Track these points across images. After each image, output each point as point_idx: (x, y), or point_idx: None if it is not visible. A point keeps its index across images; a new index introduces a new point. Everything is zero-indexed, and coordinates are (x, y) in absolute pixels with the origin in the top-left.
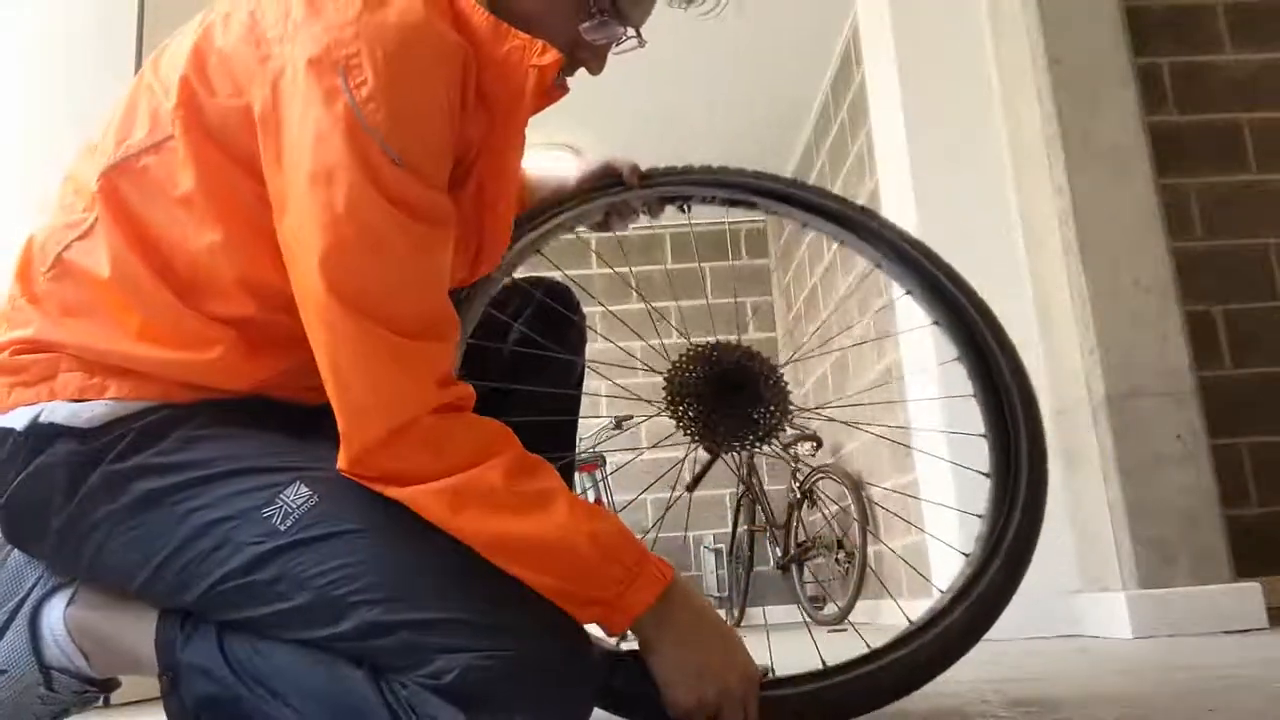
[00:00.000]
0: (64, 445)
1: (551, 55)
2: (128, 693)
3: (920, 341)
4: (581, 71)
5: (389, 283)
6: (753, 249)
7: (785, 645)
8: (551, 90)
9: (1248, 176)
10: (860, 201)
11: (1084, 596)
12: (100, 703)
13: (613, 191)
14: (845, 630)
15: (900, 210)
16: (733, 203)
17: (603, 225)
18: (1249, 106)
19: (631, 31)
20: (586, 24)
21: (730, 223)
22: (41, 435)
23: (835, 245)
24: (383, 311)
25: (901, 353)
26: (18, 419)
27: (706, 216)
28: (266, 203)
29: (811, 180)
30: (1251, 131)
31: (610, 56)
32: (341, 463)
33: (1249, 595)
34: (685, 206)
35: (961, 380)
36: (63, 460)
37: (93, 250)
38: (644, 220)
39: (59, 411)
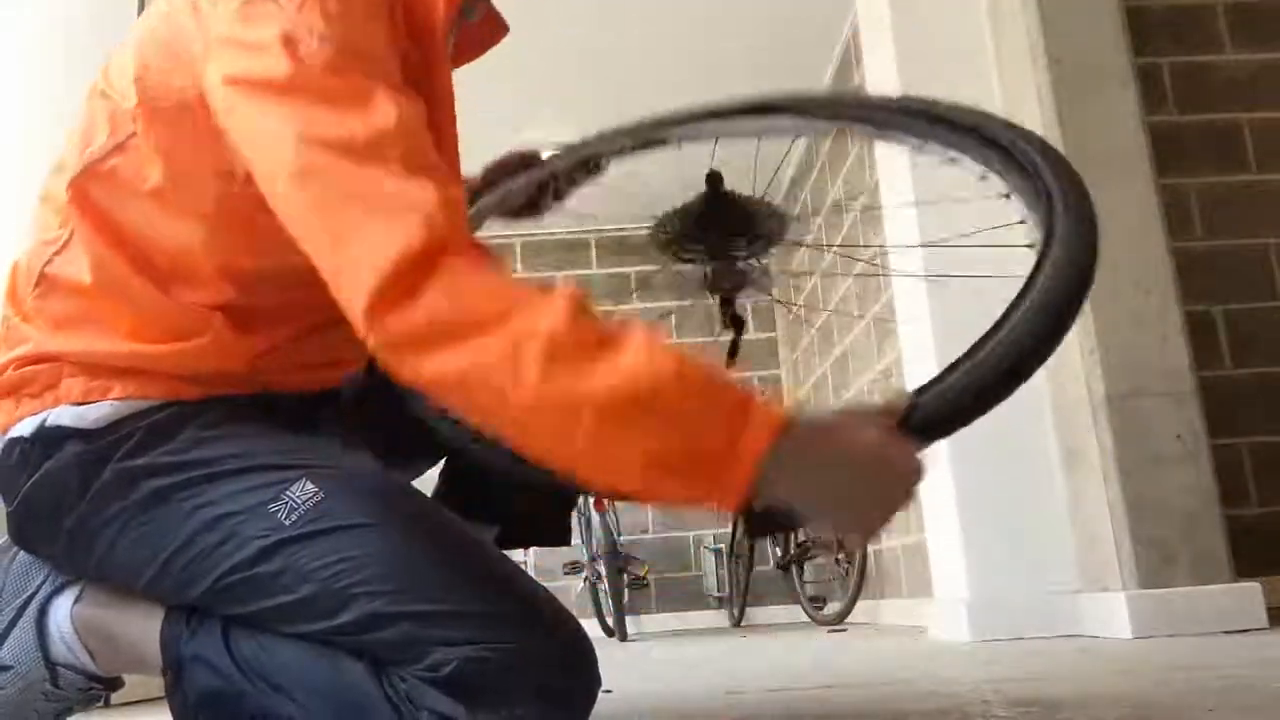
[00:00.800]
0: (72, 447)
1: None
2: (129, 693)
3: (920, 341)
4: (595, 86)
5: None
6: None
7: (786, 645)
8: (478, 37)
9: (1248, 176)
10: (860, 201)
11: (1084, 596)
12: (102, 702)
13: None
14: (845, 630)
15: (900, 211)
16: (648, 144)
17: (530, 209)
18: (1249, 106)
19: None
20: None
21: None
22: (49, 439)
23: (835, 244)
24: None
25: (901, 351)
26: (25, 427)
27: None
28: (234, 181)
29: (811, 181)
30: (1251, 131)
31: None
32: (369, 340)
33: (1249, 595)
34: (599, 165)
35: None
36: (72, 460)
37: (74, 260)
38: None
39: (65, 415)
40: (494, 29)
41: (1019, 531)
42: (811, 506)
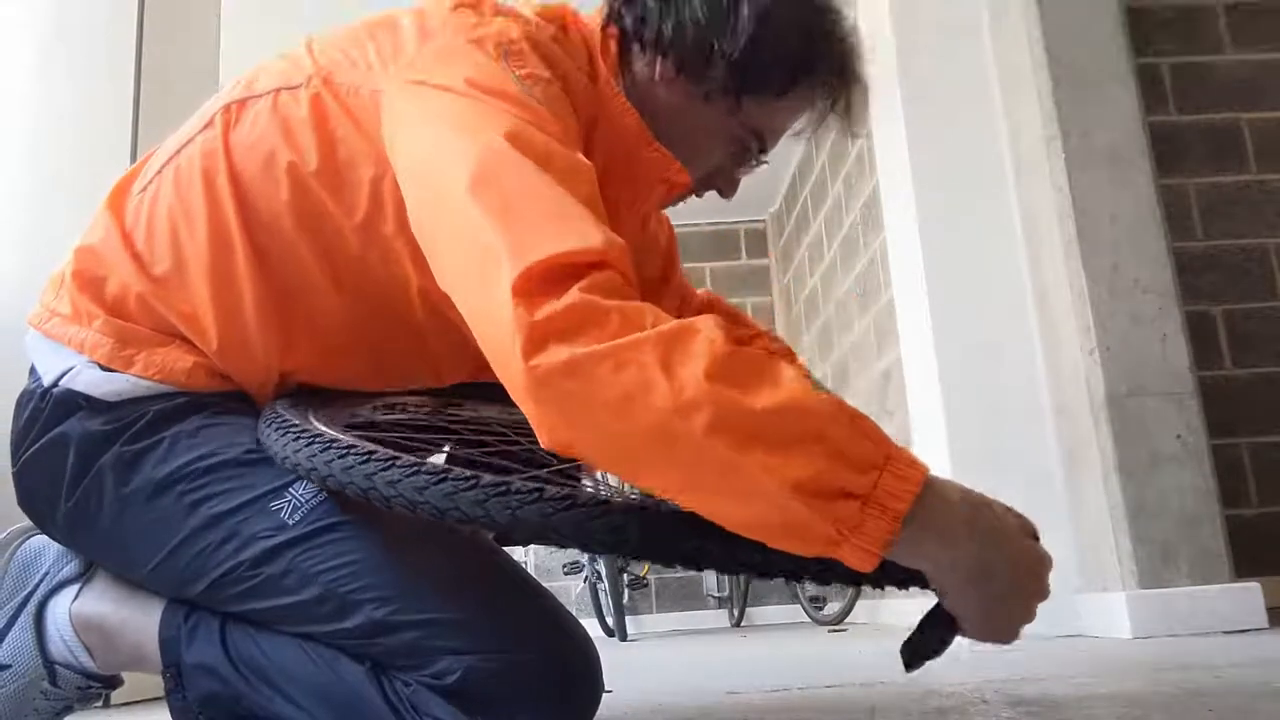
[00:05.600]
0: (81, 420)
1: (684, 177)
2: (128, 692)
3: (920, 342)
4: None
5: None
6: (752, 249)
7: (786, 645)
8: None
9: (1248, 176)
10: (860, 203)
11: (1084, 596)
12: (101, 702)
13: None
14: (845, 630)
15: (900, 210)
16: None
17: None
18: (1249, 106)
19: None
20: (742, 168)
21: (730, 222)
22: (61, 402)
23: (835, 245)
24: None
25: (901, 351)
26: (49, 370)
27: (707, 216)
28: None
29: (811, 181)
30: (1251, 131)
31: None
32: (508, 319)
33: (1249, 595)
34: None
35: (962, 377)
36: (78, 435)
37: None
38: None
39: (82, 379)
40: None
41: None
42: (950, 574)
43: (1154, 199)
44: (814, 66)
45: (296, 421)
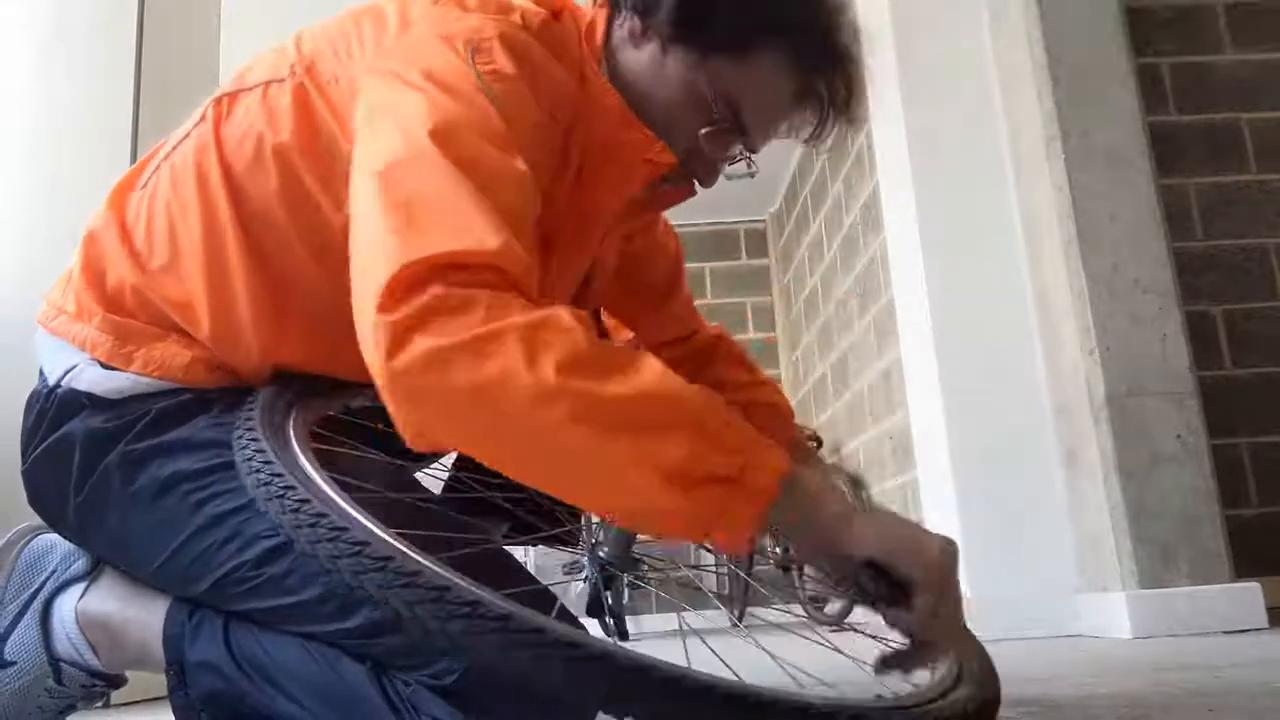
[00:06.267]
0: (85, 418)
1: (668, 156)
2: (130, 692)
3: (920, 342)
4: None
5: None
6: (752, 249)
7: (786, 645)
8: (659, 196)
9: (1248, 176)
10: (860, 203)
11: (1084, 596)
12: (102, 702)
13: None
14: (845, 630)
15: (900, 210)
16: None
17: None
18: (1249, 106)
19: (744, 152)
20: (705, 130)
21: (731, 222)
22: (64, 403)
23: (835, 245)
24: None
25: (901, 351)
26: (54, 369)
27: (707, 216)
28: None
29: (811, 181)
30: (1251, 131)
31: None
32: (370, 315)
33: (1249, 595)
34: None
35: (962, 377)
36: (83, 435)
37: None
38: None
39: (85, 378)
40: (686, 192)
41: (1019, 531)
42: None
43: (1154, 199)
44: (782, 25)
45: (264, 452)
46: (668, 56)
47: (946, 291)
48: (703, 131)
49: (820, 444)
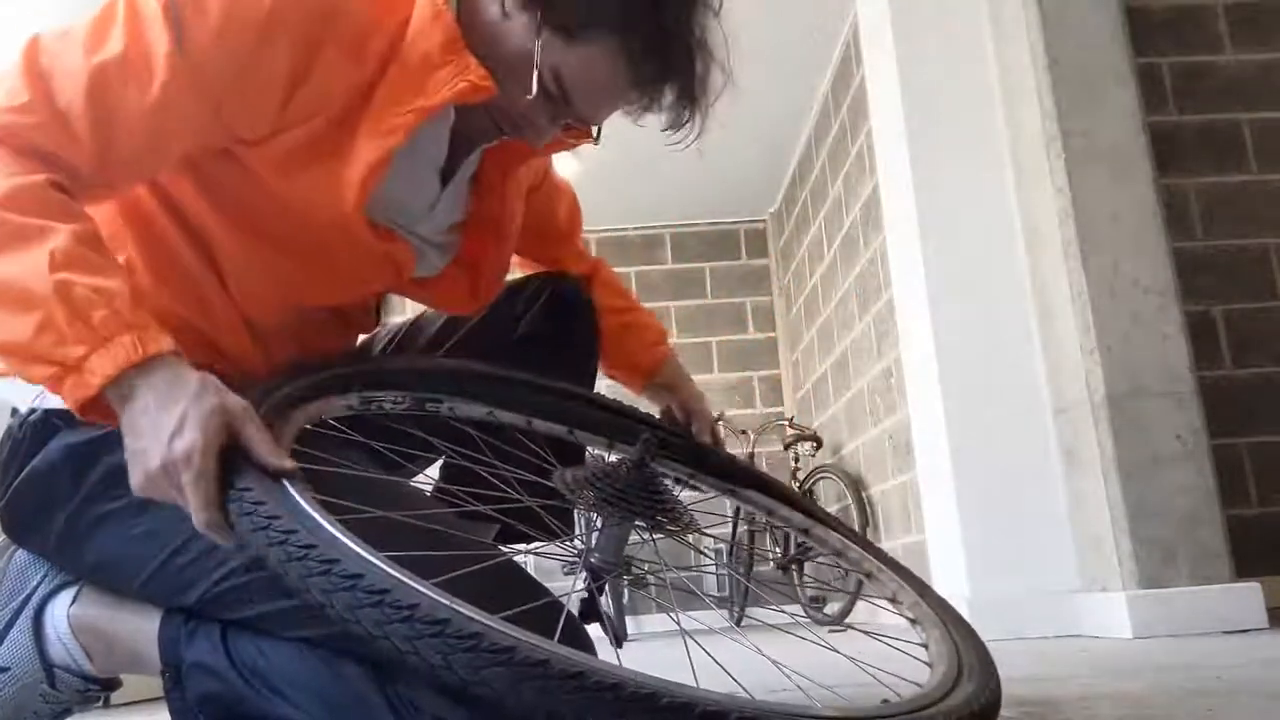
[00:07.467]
0: (62, 439)
1: (488, 83)
2: (128, 693)
3: (920, 342)
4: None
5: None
6: (752, 249)
7: (786, 645)
8: (511, 148)
9: (1248, 176)
10: (860, 202)
11: (1084, 596)
12: (100, 703)
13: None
14: (845, 630)
15: (900, 211)
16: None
17: None
18: (1249, 106)
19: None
20: (549, 120)
21: (730, 222)
22: (40, 426)
23: (835, 245)
24: None
25: (901, 351)
26: (22, 400)
27: (706, 216)
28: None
29: (811, 181)
30: (1251, 131)
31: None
32: None
33: (1249, 595)
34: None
35: (962, 377)
36: (62, 457)
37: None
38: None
39: (53, 395)
40: (578, 135)
41: (1019, 531)
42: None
43: (1154, 199)
44: (618, 15)
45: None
46: (510, 19)
47: (946, 291)
48: (528, 97)
49: (820, 444)
